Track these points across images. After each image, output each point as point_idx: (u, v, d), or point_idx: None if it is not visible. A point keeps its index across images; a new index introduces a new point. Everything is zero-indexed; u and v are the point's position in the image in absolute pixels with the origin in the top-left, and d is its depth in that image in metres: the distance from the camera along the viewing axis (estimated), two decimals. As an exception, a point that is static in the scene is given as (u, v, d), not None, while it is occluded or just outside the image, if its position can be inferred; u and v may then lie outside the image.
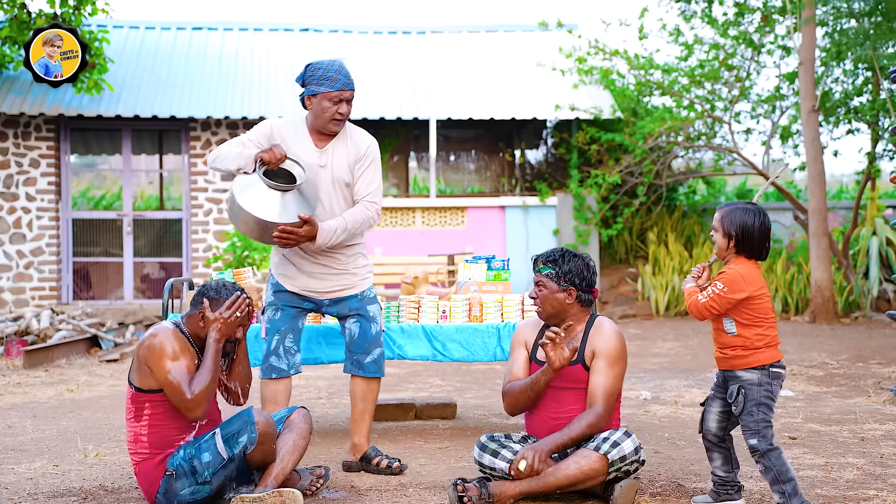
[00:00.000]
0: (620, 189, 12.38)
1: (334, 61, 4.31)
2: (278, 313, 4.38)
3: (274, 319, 4.38)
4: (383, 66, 12.96)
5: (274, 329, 4.37)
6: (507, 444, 3.90)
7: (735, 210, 3.62)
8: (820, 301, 10.91)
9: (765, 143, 12.74)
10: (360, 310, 4.39)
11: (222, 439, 3.67)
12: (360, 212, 4.29)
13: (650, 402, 6.28)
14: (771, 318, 3.58)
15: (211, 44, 13.13)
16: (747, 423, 3.53)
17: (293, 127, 4.35)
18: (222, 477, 3.70)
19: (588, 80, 12.51)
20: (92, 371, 8.07)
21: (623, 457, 3.71)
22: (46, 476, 4.37)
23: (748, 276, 3.55)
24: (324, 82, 4.25)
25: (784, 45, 12.38)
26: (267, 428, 3.68)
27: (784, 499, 3.46)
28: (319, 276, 4.34)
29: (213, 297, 3.77)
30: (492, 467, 3.86)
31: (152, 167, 14.19)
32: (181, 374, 3.64)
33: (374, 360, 4.38)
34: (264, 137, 4.29)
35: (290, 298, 4.39)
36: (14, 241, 11.55)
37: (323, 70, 4.27)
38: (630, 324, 11.31)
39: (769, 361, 3.54)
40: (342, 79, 4.25)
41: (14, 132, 11.57)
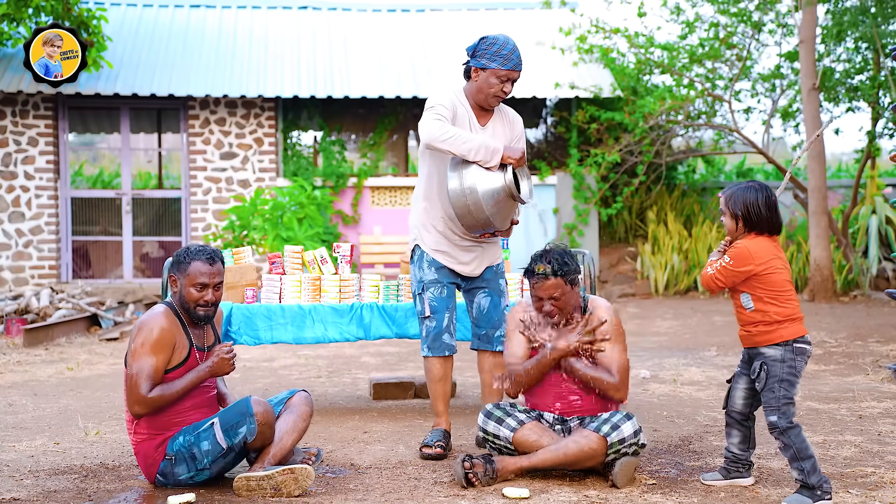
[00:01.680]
0: (620, 168, 12.35)
1: (509, 39, 4.33)
2: (444, 290, 4.41)
3: (441, 297, 4.39)
4: (382, 45, 12.90)
5: (443, 306, 4.39)
6: (511, 412, 3.95)
7: (738, 190, 3.66)
8: (819, 280, 10.92)
9: (765, 122, 12.71)
10: (492, 283, 4.47)
11: (221, 430, 3.67)
12: None
13: (649, 380, 6.30)
14: (789, 291, 3.59)
15: (209, 21, 13.05)
16: (769, 399, 3.55)
17: (458, 100, 4.39)
18: (221, 464, 3.72)
19: (588, 58, 12.46)
20: (92, 349, 8.09)
21: (622, 439, 3.75)
22: (47, 454, 4.39)
23: (756, 251, 3.57)
24: (496, 58, 4.28)
25: (785, 23, 12.32)
26: (266, 419, 3.68)
27: (803, 476, 3.48)
28: (471, 255, 4.43)
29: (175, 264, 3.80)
30: (496, 434, 3.91)
31: (151, 146, 14.15)
32: (147, 370, 3.63)
33: (501, 335, 4.44)
34: (448, 111, 4.31)
35: (451, 276, 4.44)
36: (13, 220, 11.54)
37: (498, 46, 4.29)
38: (629, 303, 11.33)
39: (792, 337, 3.56)
40: (515, 59, 4.29)
41: (12, 110, 11.53)
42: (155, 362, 3.65)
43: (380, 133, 12.60)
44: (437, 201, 4.40)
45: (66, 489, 3.80)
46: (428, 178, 4.42)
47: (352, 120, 13.01)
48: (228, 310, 4.91)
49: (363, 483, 3.87)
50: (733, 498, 3.61)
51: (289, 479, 3.62)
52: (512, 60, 4.30)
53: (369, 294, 5.07)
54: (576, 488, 3.74)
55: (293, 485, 3.62)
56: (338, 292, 5.05)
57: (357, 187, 12.00)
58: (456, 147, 4.17)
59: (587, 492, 3.69)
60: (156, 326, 3.68)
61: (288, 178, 11.85)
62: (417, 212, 4.47)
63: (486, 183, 4.16)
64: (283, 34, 12.91)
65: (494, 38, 4.32)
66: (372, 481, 3.89)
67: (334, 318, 4.97)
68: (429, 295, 4.39)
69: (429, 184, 4.42)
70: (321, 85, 11.81)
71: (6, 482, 3.89)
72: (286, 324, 4.94)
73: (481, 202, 4.15)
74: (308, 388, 6.07)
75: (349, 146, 13.12)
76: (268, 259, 5.15)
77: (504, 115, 4.48)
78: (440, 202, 4.39)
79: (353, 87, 11.85)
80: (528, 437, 3.87)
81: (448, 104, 4.31)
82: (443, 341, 4.38)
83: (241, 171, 11.91)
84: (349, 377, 6.66)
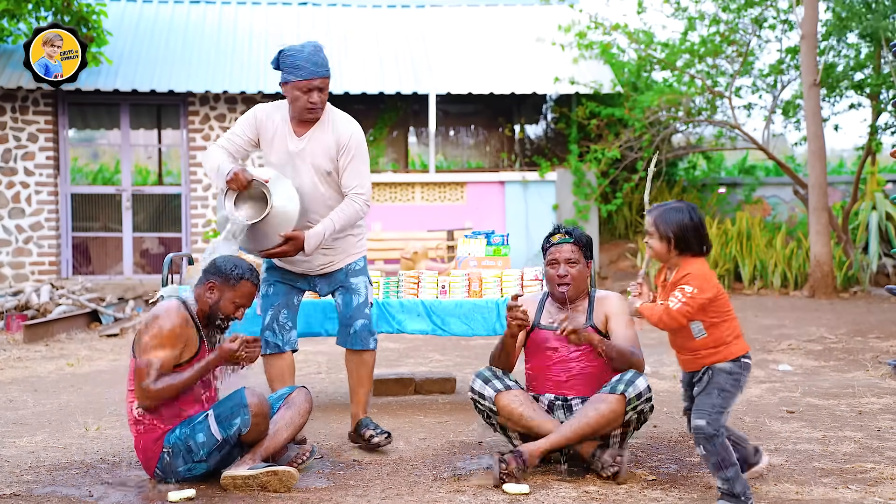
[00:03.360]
0: (620, 164, 12.34)
1: (305, 46, 4.17)
2: (271, 289, 4.38)
3: (267, 295, 4.38)
4: (382, 40, 12.88)
5: (268, 305, 4.37)
6: (502, 377, 3.98)
7: (667, 211, 3.48)
8: (819, 276, 10.91)
9: (766, 118, 12.70)
10: (345, 282, 4.38)
11: (216, 420, 3.68)
12: (347, 208, 4.22)
13: (648, 376, 6.29)
14: (732, 309, 3.52)
15: (209, 17, 13.04)
16: (703, 403, 3.43)
17: (278, 113, 4.27)
18: (218, 456, 3.72)
19: (588, 54, 12.45)
20: (92, 346, 8.09)
21: (639, 394, 3.78)
22: (48, 449, 4.39)
23: (710, 274, 3.46)
24: (293, 70, 4.12)
25: (786, 19, 12.31)
26: (260, 409, 3.69)
27: (728, 485, 3.38)
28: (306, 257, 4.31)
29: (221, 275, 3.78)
30: (480, 393, 3.95)
31: (151, 142, 14.14)
32: (156, 364, 3.64)
33: (356, 332, 4.34)
34: (249, 128, 4.26)
35: (282, 275, 4.39)
36: (13, 216, 11.54)
37: (293, 57, 4.13)
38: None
39: (740, 353, 3.48)
40: (310, 66, 4.11)
41: (12, 106, 11.52)
42: (165, 356, 3.66)
43: (380, 129, 12.59)
44: None
45: (66, 485, 3.80)
46: None
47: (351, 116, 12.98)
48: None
49: (363, 479, 3.87)
50: (733, 494, 3.61)
51: (273, 479, 3.64)
52: (307, 69, 4.10)
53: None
54: (576, 484, 3.74)
55: (278, 485, 3.65)
56: (337, 288, 5.03)
57: (357, 183, 11.97)
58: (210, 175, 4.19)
59: (587, 487, 3.69)
60: (168, 321, 3.68)
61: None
62: None
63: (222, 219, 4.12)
64: (283, 30, 12.90)
65: (290, 48, 4.16)
66: (372, 477, 3.90)
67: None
68: (259, 292, 4.37)
69: None
70: (321, 81, 11.78)
71: (6, 478, 3.89)
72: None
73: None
74: (308, 384, 6.07)
75: (349, 142, 13.09)
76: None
77: (329, 124, 4.24)
78: None
79: (353, 83, 11.83)
80: (511, 402, 3.88)
81: (247, 124, 4.25)
82: (265, 339, 4.34)
83: (241, 167, 11.89)
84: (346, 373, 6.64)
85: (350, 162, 4.23)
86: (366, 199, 4.27)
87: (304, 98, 4.14)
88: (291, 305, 4.41)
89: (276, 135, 4.24)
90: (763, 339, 7.94)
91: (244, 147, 4.29)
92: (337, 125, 4.26)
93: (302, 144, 4.22)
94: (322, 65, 4.14)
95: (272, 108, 4.30)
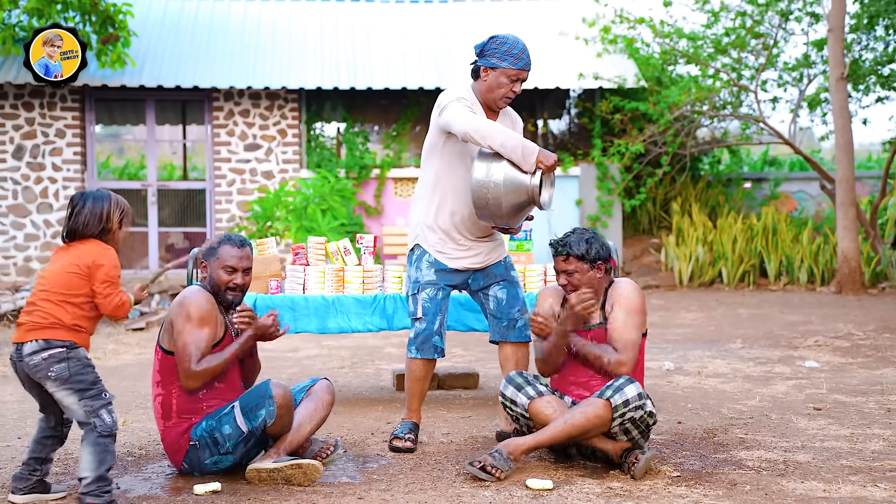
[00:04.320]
0: (644, 159, 12.28)
1: (519, 39, 4.26)
2: (440, 293, 4.34)
3: (436, 299, 4.33)
4: (405, 36, 12.88)
5: (436, 309, 4.32)
6: (533, 382, 3.96)
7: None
8: (846, 272, 10.81)
9: (792, 112, 12.58)
10: (506, 275, 4.41)
11: (241, 412, 3.70)
12: None
13: (673, 372, 6.27)
14: None
15: (234, 13, 13.10)
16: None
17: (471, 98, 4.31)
18: (243, 448, 3.75)
19: (612, 48, 12.38)
20: (118, 339, 8.16)
21: (626, 401, 3.73)
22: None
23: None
24: (507, 58, 4.20)
25: (813, 11, 12.19)
26: (284, 401, 3.70)
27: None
28: (478, 250, 4.35)
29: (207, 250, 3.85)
30: (513, 400, 3.94)
31: (176, 137, 14.23)
32: (197, 343, 3.67)
33: (525, 324, 4.38)
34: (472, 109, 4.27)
35: (450, 277, 4.37)
36: (41, 211, 11.65)
37: (508, 45, 4.21)
38: (653, 294, 11.27)
39: None
40: (525, 58, 4.21)
41: (40, 102, 11.63)
42: (204, 335, 3.70)
43: (403, 124, 12.59)
44: (447, 199, 4.30)
45: (93, 477, 3.83)
46: (437, 175, 4.32)
47: (375, 111, 13.01)
48: (253, 300, 4.94)
49: (387, 473, 3.88)
50: (759, 491, 3.58)
51: (297, 472, 3.66)
52: (522, 60, 4.21)
53: (392, 285, 5.07)
54: (599, 480, 3.73)
55: (302, 478, 3.67)
56: (361, 283, 5.06)
57: (380, 179, 12.01)
58: (493, 139, 4.04)
59: (611, 483, 3.68)
60: (198, 301, 3.72)
61: (311, 170, 11.89)
62: (421, 210, 4.37)
63: (512, 181, 4.08)
64: (307, 26, 12.93)
65: (504, 37, 4.24)
66: (395, 471, 3.90)
67: (357, 308, 4.98)
68: (423, 296, 4.33)
69: (436, 181, 4.32)
70: (344, 76, 11.82)
71: (34, 470, 3.93)
72: (310, 314, 4.96)
73: (501, 198, 4.07)
74: (331, 378, 6.09)
75: (372, 137, 13.13)
76: (291, 250, 5.17)
77: (507, 116, 4.40)
78: (451, 200, 4.30)
79: (377, 79, 11.84)
80: (545, 409, 3.86)
81: (470, 104, 4.24)
82: (432, 344, 4.33)
83: (265, 162, 11.95)
84: (372, 368, 6.67)
85: None
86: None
87: (508, 87, 4.23)
88: (448, 310, 4.51)
89: None
90: (789, 335, 7.88)
91: None
92: (511, 116, 4.43)
93: None
94: (531, 61, 4.26)
95: (466, 92, 4.30)
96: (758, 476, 3.78)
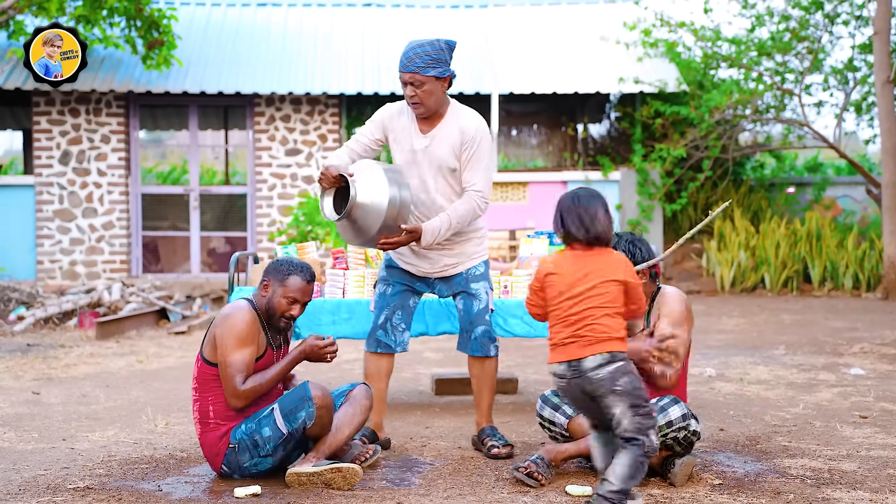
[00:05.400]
0: (685, 163, 12.17)
1: (414, 41, 4.13)
2: (389, 288, 4.36)
3: (385, 295, 4.36)
4: (445, 41, 12.90)
5: (384, 304, 4.35)
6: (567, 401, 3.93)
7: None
8: (893, 277, 10.62)
9: (837, 116, 12.39)
10: (466, 287, 4.32)
11: (281, 415, 3.72)
12: (463, 205, 4.15)
13: (715, 378, 6.20)
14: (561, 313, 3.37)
15: (275, 19, 13.22)
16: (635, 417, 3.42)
17: (406, 111, 4.24)
18: (283, 451, 3.77)
19: (653, 52, 12.30)
20: (161, 343, 8.26)
21: (669, 422, 3.68)
22: (119, 444, 4.50)
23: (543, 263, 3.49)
24: (400, 62, 4.13)
25: (859, 14, 12.00)
26: (324, 402, 3.72)
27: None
28: (430, 257, 4.30)
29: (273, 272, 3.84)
30: (551, 420, 3.93)
31: (218, 142, 14.39)
32: (241, 364, 3.71)
33: (476, 338, 4.31)
34: (376, 128, 4.26)
35: (402, 276, 4.36)
36: (86, 216, 11.85)
37: (403, 51, 4.13)
38: (695, 300, 11.16)
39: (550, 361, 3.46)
40: (404, 60, 4.09)
41: (86, 108, 11.83)
42: (247, 355, 3.73)
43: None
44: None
45: (136, 479, 3.88)
46: None
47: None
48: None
49: (426, 478, 3.88)
50: (802, 500, 3.53)
51: (337, 476, 3.67)
52: (402, 62, 4.06)
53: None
54: (640, 487, 3.69)
55: (342, 482, 3.68)
56: (401, 288, 5.05)
57: (420, 183, 12.02)
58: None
59: (651, 491, 3.65)
60: (242, 320, 3.75)
61: (351, 175, 11.93)
62: None
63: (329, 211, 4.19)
64: (348, 31, 13.01)
65: (409, 42, 4.13)
66: (434, 476, 3.90)
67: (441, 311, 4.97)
68: (376, 291, 4.39)
69: None
70: (385, 81, 11.87)
71: (80, 471, 4.00)
72: (349, 318, 4.98)
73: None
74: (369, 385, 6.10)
75: (412, 142, 13.15)
76: (331, 255, 5.19)
77: (455, 120, 4.18)
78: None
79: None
80: (584, 424, 3.83)
81: (374, 122, 4.24)
82: (376, 338, 4.32)
83: (306, 167, 12.04)
84: (411, 372, 6.68)
85: (471, 158, 4.16)
86: (483, 197, 4.18)
87: (405, 91, 4.14)
88: (407, 307, 4.39)
89: (403, 134, 4.22)
90: (833, 341, 7.75)
91: (371, 146, 4.28)
92: (462, 120, 4.19)
93: (427, 142, 4.19)
94: (413, 60, 4.06)
95: (402, 106, 4.27)
96: (802, 485, 3.72)
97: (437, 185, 4.20)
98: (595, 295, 3.32)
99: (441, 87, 4.12)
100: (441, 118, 4.19)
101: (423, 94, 4.08)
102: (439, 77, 4.10)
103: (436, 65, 4.08)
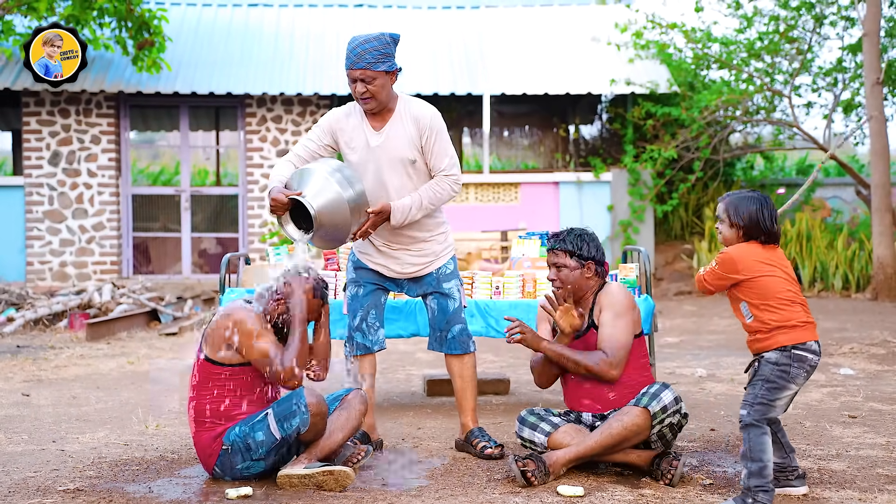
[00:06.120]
0: (676, 164, 12.21)
1: (358, 37, 4.11)
2: (360, 289, 4.36)
3: (357, 296, 4.35)
4: (437, 42, 12.91)
5: (357, 305, 4.35)
6: (546, 416, 3.96)
7: (741, 200, 3.57)
8: (882, 278, 10.67)
9: (826, 117, 12.45)
10: (438, 287, 4.33)
11: (275, 420, 3.72)
12: (435, 186, 4.18)
13: (706, 379, 6.22)
14: (783, 297, 3.48)
15: (266, 20, 13.20)
16: (747, 394, 3.53)
17: (354, 112, 4.23)
18: (275, 455, 3.77)
19: (644, 54, 12.33)
20: (152, 344, 8.24)
21: (664, 407, 3.73)
22: (109, 446, 4.49)
23: (742, 259, 3.50)
24: (346, 59, 4.11)
25: (847, 15, 12.05)
26: (319, 409, 3.72)
27: (746, 480, 3.41)
28: (396, 257, 4.30)
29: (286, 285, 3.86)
30: (531, 440, 3.94)
31: (209, 143, 14.37)
32: (273, 348, 3.72)
33: (454, 336, 4.33)
34: (324, 133, 4.23)
35: (371, 276, 4.36)
36: (76, 217, 11.81)
37: (349, 47, 4.11)
38: (686, 301, 11.19)
39: (790, 343, 3.48)
40: (352, 57, 4.06)
41: (76, 109, 11.80)
42: (270, 338, 3.74)
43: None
44: None
45: (127, 481, 3.87)
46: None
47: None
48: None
49: (418, 479, 3.88)
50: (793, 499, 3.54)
51: (329, 479, 3.67)
52: (349, 59, 4.05)
53: (423, 290, 5.06)
54: (631, 487, 3.71)
55: (333, 484, 3.68)
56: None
57: (411, 184, 12.02)
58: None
59: (643, 490, 3.66)
60: (251, 318, 3.76)
61: (343, 175, 11.92)
62: None
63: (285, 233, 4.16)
64: (340, 32, 13.00)
65: (353, 38, 4.12)
66: (426, 477, 3.90)
67: (388, 314, 4.98)
68: (347, 293, 4.39)
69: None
70: (376, 82, 11.84)
71: (70, 473, 3.99)
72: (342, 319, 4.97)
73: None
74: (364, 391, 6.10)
75: (403, 143, 13.14)
76: (323, 256, 5.19)
77: (406, 112, 4.18)
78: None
79: (408, 84, 11.87)
80: (564, 440, 3.86)
81: (322, 129, 4.22)
82: (355, 340, 4.33)
83: (297, 168, 12.02)
84: (403, 373, 6.68)
85: (434, 143, 4.18)
86: (455, 179, 4.20)
87: (353, 88, 4.12)
88: (379, 305, 4.38)
89: (354, 134, 4.20)
90: (823, 342, 7.78)
91: (318, 153, 4.25)
92: (413, 111, 4.19)
93: (381, 138, 4.18)
94: (361, 56, 4.05)
95: (348, 108, 4.26)
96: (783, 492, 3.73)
97: (398, 177, 4.20)
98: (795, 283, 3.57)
99: (390, 80, 4.14)
100: (392, 112, 4.20)
101: (375, 88, 4.08)
102: (388, 71, 4.11)
103: (385, 59, 4.09)
